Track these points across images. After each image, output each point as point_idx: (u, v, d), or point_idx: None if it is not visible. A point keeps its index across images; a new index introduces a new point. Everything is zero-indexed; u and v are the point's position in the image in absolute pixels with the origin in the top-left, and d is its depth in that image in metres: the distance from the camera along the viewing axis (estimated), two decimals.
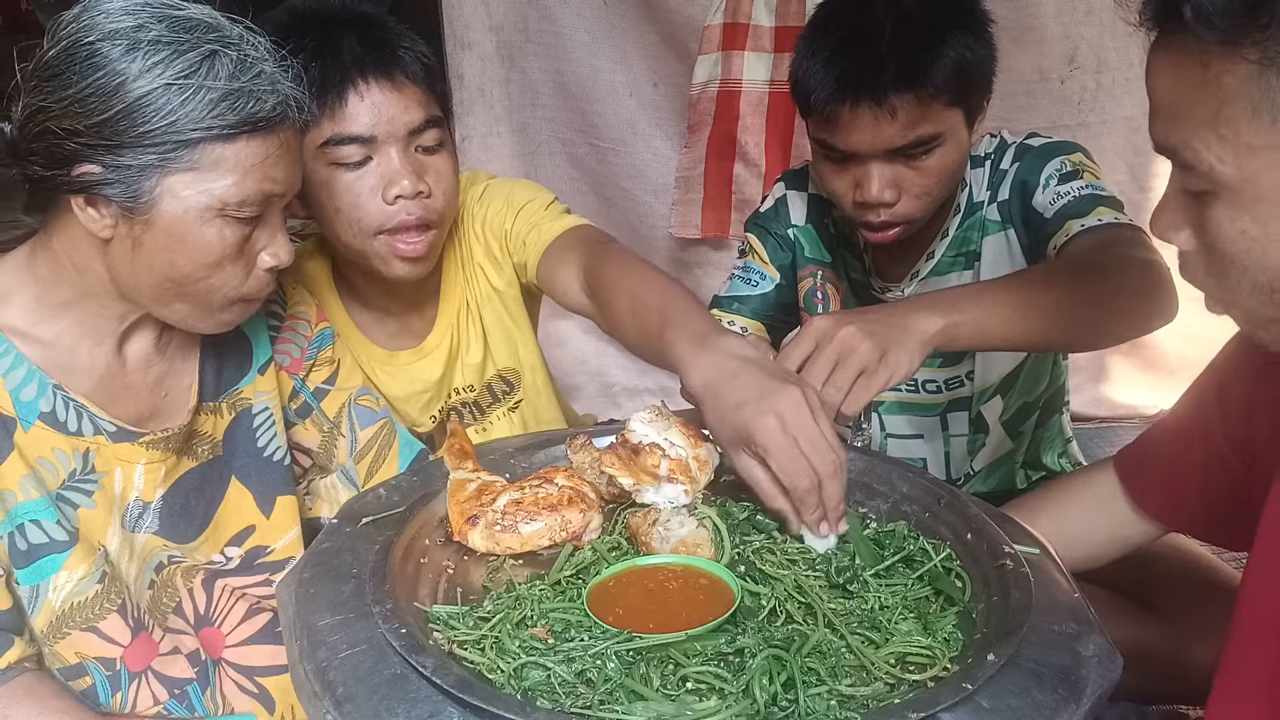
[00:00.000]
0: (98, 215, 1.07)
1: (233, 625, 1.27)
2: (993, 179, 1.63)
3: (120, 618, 1.16)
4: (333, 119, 1.39)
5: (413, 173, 1.42)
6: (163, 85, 1.02)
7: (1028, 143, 1.62)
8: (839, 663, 0.89)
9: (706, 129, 2.78)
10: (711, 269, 2.96)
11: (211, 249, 1.09)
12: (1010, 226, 1.62)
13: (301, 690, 0.90)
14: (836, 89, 1.45)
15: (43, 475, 1.11)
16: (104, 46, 1.02)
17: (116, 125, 1.02)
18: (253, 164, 1.08)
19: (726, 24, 2.65)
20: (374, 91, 1.40)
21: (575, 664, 0.88)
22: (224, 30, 1.08)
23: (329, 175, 1.42)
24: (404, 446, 1.46)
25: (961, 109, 1.50)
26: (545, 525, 1.10)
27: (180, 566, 1.23)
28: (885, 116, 1.44)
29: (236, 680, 1.26)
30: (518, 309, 1.68)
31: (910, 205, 1.52)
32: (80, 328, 1.16)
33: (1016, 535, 1.10)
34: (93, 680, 1.15)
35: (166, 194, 1.06)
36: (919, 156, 1.48)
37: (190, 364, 1.26)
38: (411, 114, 1.42)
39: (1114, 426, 3.05)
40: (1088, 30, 2.68)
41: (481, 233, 1.62)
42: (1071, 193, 1.52)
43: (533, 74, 2.81)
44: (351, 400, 1.42)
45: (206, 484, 1.26)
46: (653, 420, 1.21)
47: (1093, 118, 2.78)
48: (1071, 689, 0.86)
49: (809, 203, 1.79)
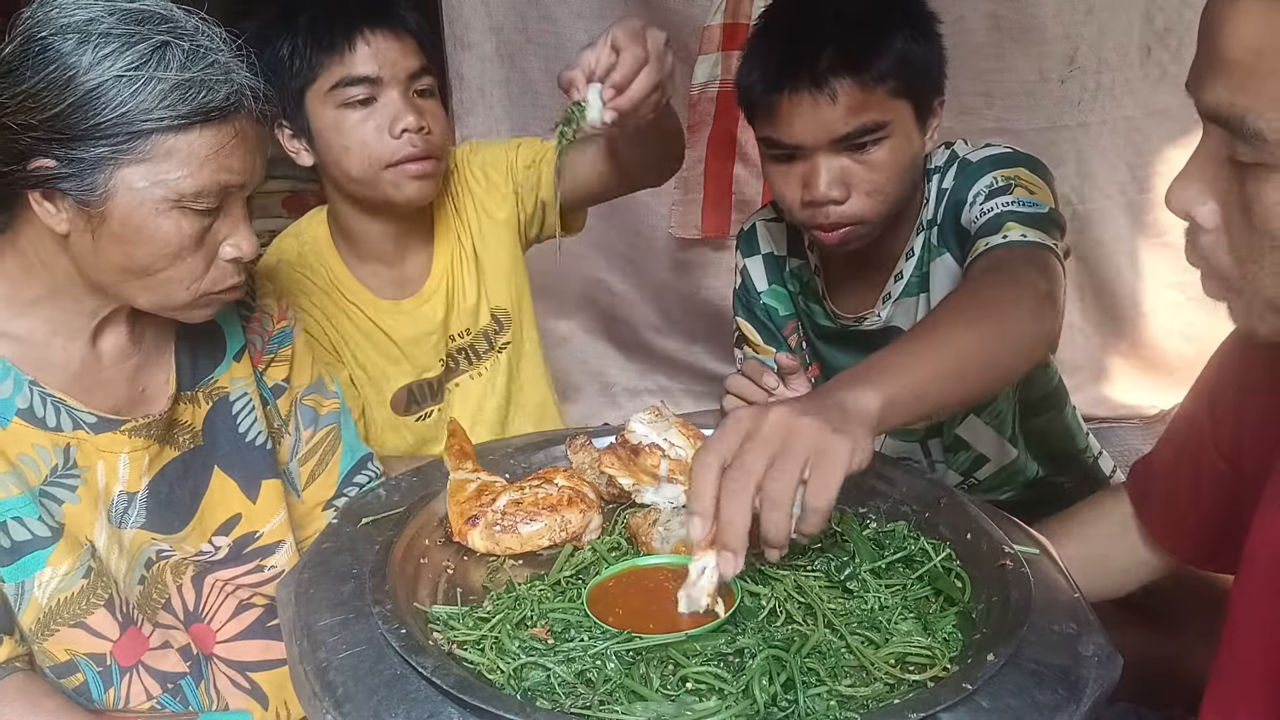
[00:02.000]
0: (55, 210, 1.07)
1: (222, 621, 1.27)
2: (939, 195, 1.56)
3: (108, 612, 1.15)
4: (341, 63, 1.54)
5: (415, 110, 1.57)
6: (113, 77, 1.02)
7: (969, 156, 1.53)
8: (839, 663, 0.89)
9: (706, 129, 2.78)
10: (711, 269, 2.96)
11: (169, 241, 1.09)
12: (945, 250, 1.55)
13: (301, 690, 0.90)
14: (775, 77, 1.42)
15: (23, 472, 1.11)
16: (56, 41, 1.03)
17: (69, 118, 1.03)
18: (207, 154, 1.07)
19: (726, 24, 2.65)
20: (378, 39, 1.55)
21: (575, 664, 0.88)
22: (177, 21, 1.08)
23: (337, 116, 1.56)
24: (346, 453, 1.46)
25: (909, 102, 1.45)
26: (545, 525, 1.10)
27: (169, 562, 1.23)
28: (825, 101, 1.39)
29: (229, 675, 1.27)
30: (514, 244, 1.82)
31: (861, 204, 1.45)
32: (53, 323, 1.16)
33: (1016, 535, 1.10)
34: (84, 677, 1.15)
35: (121, 186, 1.06)
36: (865, 148, 1.43)
37: (166, 356, 1.27)
38: (410, 60, 1.58)
39: (1114, 426, 3.05)
40: (1088, 30, 2.68)
41: (481, 171, 1.79)
42: (993, 209, 1.40)
43: (533, 74, 2.81)
44: (298, 400, 1.42)
45: (190, 474, 1.27)
46: (652, 421, 1.21)
47: (1093, 118, 2.78)
48: (1071, 689, 0.86)
49: (765, 264, 1.77)
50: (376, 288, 1.73)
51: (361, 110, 1.56)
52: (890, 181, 1.46)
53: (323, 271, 1.71)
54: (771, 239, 1.79)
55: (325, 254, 1.72)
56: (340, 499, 1.44)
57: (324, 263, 1.72)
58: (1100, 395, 3.11)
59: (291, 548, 1.34)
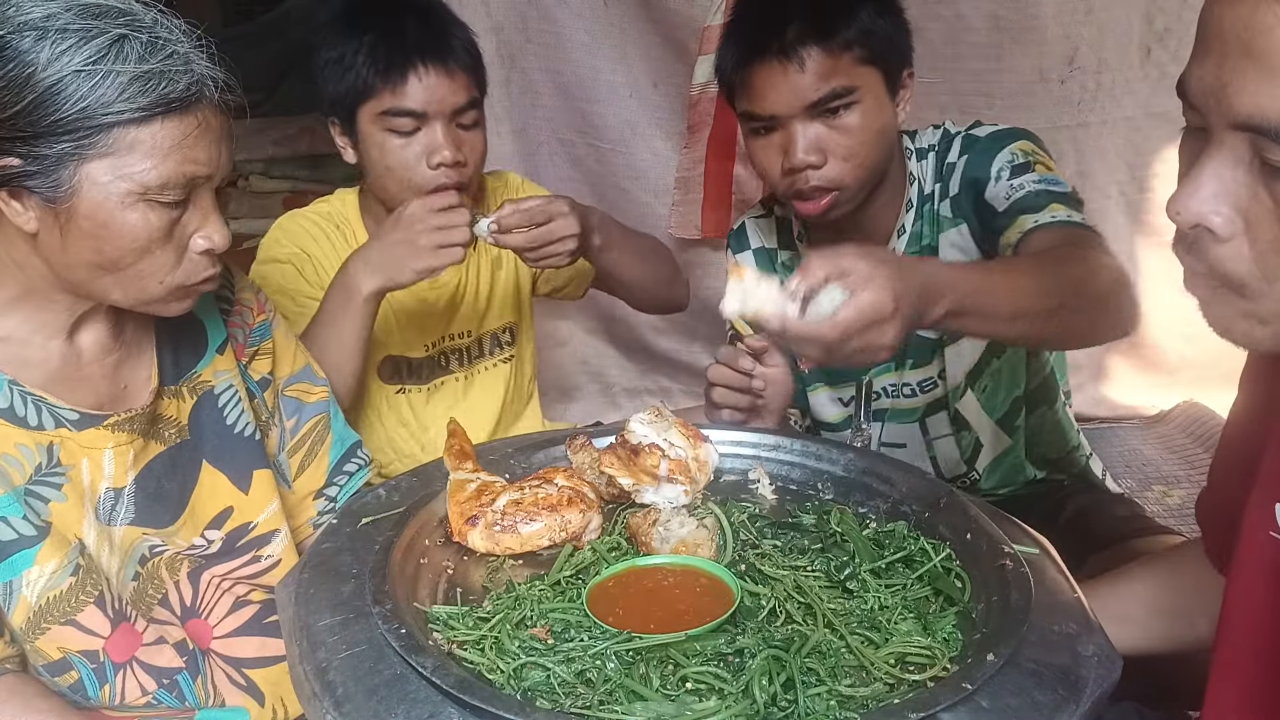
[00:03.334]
0: (22, 209, 1.08)
1: (219, 617, 1.27)
2: (941, 171, 1.63)
3: (98, 609, 1.15)
4: (393, 94, 1.65)
5: (453, 144, 1.68)
6: (71, 72, 1.02)
7: (973, 133, 1.62)
8: (838, 663, 0.89)
9: (706, 129, 2.78)
10: (711, 269, 2.96)
11: (137, 234, 1.09)
12: (962, 220, 1.62)
13: (301, 690, 0.90)
14: (746, 52, 1.51)
15: (7, 471, 1.11)
16: (14, 39, 1.03)
17: (30, 116, 1.03)
18: (171, 145, 1.07)
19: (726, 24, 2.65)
20: (430, 75, 1.65)
21: (575, 664, 0.88)
22: (135, 14, 1.08)
23: (383, 139, 1.68)
24: (335, 442, 1.47)
25: (878, 69, 1.52)
26: (545, 525, 1.10)
27: (164, 558, 1.23)
28: (794, 68, 1.47)
29: (225, 671, 1.27)
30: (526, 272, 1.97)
31: (838, 169, 1.52)
32: (30, 322, 1.16)
33: (1016, 535, 1.10)
34: (79, 674, 1.15)
35: (86, 181, 1.06)
36: (837, 113, 1.50)
37: (147, 352, 1.27)
38: (458, 96, 1.68)
39: (1114, 426, 3.05)
40: (1088, 30, 2.68)
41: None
42: (1025, 186, 1.50)
43: (533, 74, 2.81)
44: (280, 391, 1.42)
45: (177, 468, 1.27)
46: (652, 421, 1.21)
47: (1093, 118, 2.78)
48: (1071, 689, 0.86)
49: (755, 259, 1.83)
50: None
51: (405, 138, 1.67)
52: (865, 145, 1.53)
53: (346, 231, 1.83)
54: (761, 234, 1.84)
55: (352, 219, 1.85)
56: (331, 487, 1.46)
57: (350, 226, 1.84)
58: (1100, 395, 3.11)
59: (286, 536, 1.34)
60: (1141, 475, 2.79)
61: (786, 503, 1.22)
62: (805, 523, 1.15)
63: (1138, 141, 2.82)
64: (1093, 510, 1.74)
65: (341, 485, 1.47)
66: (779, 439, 1.33)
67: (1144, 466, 2.83)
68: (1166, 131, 2.76)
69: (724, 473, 1.28)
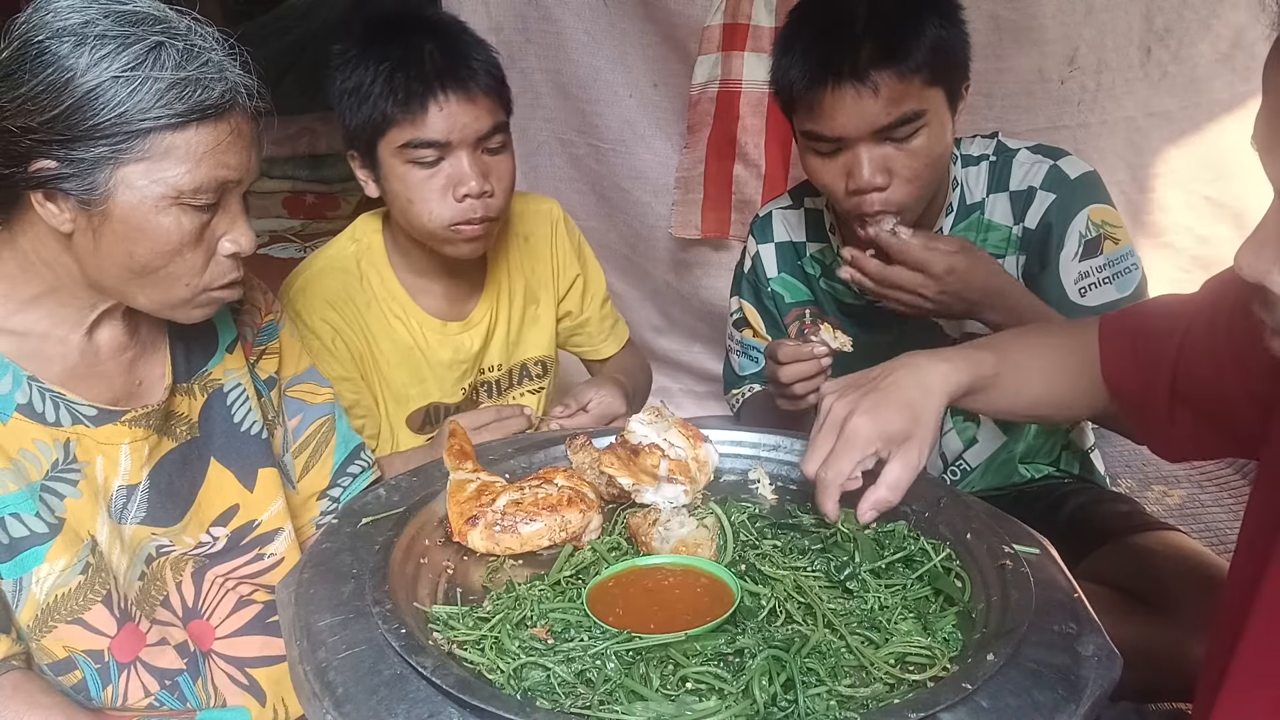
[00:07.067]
0: (57, 210, 1.09)
1: (222, 617, 1.28)
2: (996, 183, 1.63)
3: (105, 608, 1.16)
4: (413, 125, 1.55)
5: (479, 174, 1.59)
6: (110, 78, 1.04)
7: (1062, 169, 1.61)
8: (839, 663, 0.89)
9: (706, 129, 2.77)
10: (711, 269, 2.96)
11: (169, 237, 1.11)
12: (1023, 254, 1.64)
13: (301, 690, 0.90)
14: (818, 72, 1.47)
15: (24, 467, 1.12)
16: (53, 44, 1.04)
17: (68, 120, 1.04)
18: (205, 151, 1.09)
19: (726, 24, 2.65)
20: (451, 103, 1.56)
21: (575, 664, 0.88)
22: (170, 22, 1.10)
23: (405, 171, 1.59)
24: (340, 444, 1.48)
25: (942, 89, 1.50)
26: (545, 525, 1.10)
27: (169, 558, 1.24)
28: (868, 94, 1.45)
29: (227, 671, 1.27)
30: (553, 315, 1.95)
31: (902, 190, 1.51)
32: (51, 318, 1.17)
33: (1016, 535, 1.10)
34: (83, 674, 1.15)
35: (121, 185, 1.08)
36: (906, 138, 1.49)
37: (161, 350, 1.28)
38: (481, 122, 1.59)
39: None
40: (1088, 30, 2.68)
41: (559, 259, 1.91)
42: (1091, 275, 1.57)
43: (533, 74, 2.81)
44: (284, 391, 1.43)
45: (187, 465, 1.28)
46: (652, 421, 1.21)
47: (1093, 118, 2.78)
48: (1071, 689, 0.86)
49: (778, 252, 1.82)
50: (426, 304, 1.75)
51: (428, 169, 1.58)
52: (929, 168, 1.52)
53: (375, 279, 1.73)
54: (788, 227, 1.83)
55: (379, 263, 1.74)
56: (335, 489, 1.46)
57: (377, 270, 1.73)
58: None
59: (290, 534, 1.35)
60: (1141, 475, 2.78)
61: (786, 503, 1.22)
62: (805, 523, 1.15)
63: (1138, 141, 2.81)
64: (1092, 507, 1.74)
65: (345, 487, 1.47)
66: (779, 439, 1.33)
67: (1144, 466, 2.83)
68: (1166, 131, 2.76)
69: (724, 473, 1.29)
